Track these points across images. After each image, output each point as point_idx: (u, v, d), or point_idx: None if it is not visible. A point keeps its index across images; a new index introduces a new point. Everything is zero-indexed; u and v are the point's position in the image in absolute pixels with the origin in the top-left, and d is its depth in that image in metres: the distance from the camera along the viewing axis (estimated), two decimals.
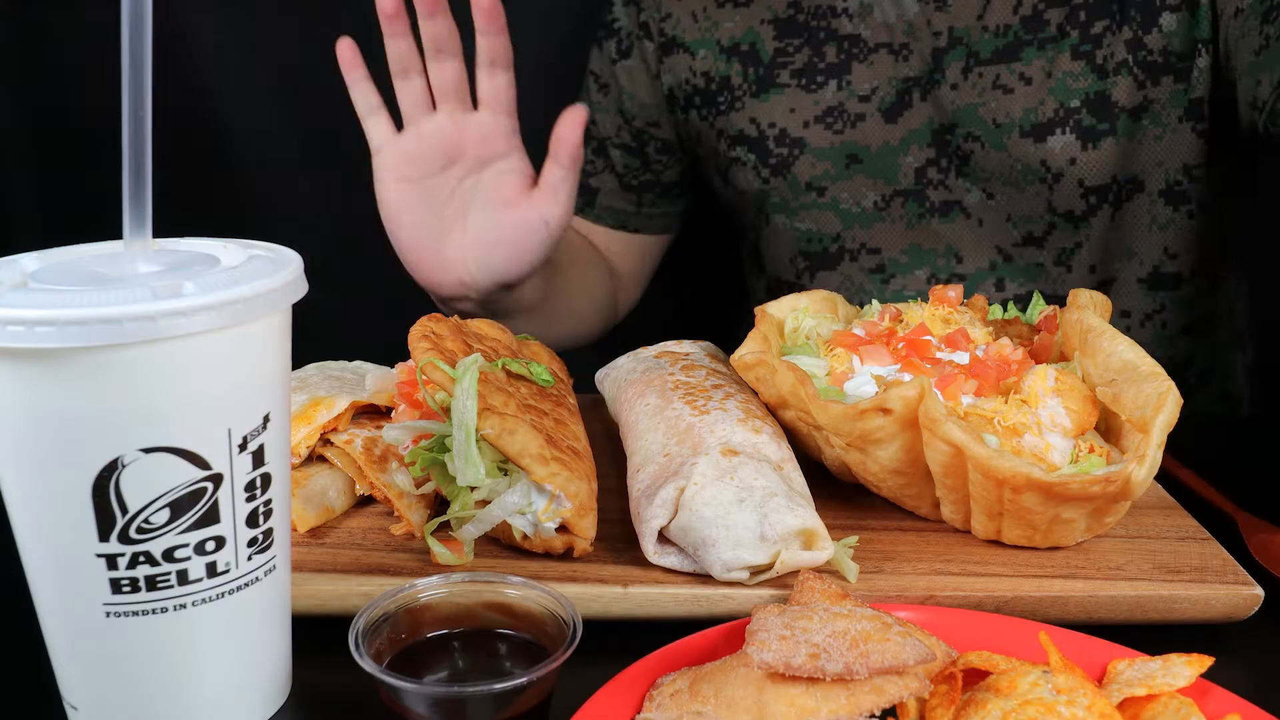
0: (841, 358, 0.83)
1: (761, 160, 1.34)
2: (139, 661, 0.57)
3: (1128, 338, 0.77)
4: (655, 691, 0.59)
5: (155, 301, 0.51)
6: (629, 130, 1.45)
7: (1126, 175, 1.21)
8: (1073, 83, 1.17)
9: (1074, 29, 1.17)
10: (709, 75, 1.36)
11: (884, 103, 1.27)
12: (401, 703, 0.57)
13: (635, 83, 1.42)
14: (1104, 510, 0.73)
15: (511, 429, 0.71)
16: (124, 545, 0.54)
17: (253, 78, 1.70)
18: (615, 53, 1.42)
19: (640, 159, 1.46)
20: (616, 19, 1.43)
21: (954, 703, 0.55)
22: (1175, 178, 1.21)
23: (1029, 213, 1.25)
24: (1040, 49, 1.18)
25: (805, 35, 1.30)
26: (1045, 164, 1.20)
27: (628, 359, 0.98)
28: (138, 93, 0.54)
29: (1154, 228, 1.24)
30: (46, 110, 1.72)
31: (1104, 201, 1.22)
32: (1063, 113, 1.18)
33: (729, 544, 0.69)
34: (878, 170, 1.29)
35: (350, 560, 0.74)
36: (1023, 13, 1.19)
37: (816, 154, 1.31)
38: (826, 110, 1.29)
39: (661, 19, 1.38)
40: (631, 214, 1.50)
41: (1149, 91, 1.16)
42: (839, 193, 1.32)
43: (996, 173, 1.23)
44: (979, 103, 1.22)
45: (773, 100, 1.32)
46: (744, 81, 1.33)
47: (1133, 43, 1.15)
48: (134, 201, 0.56)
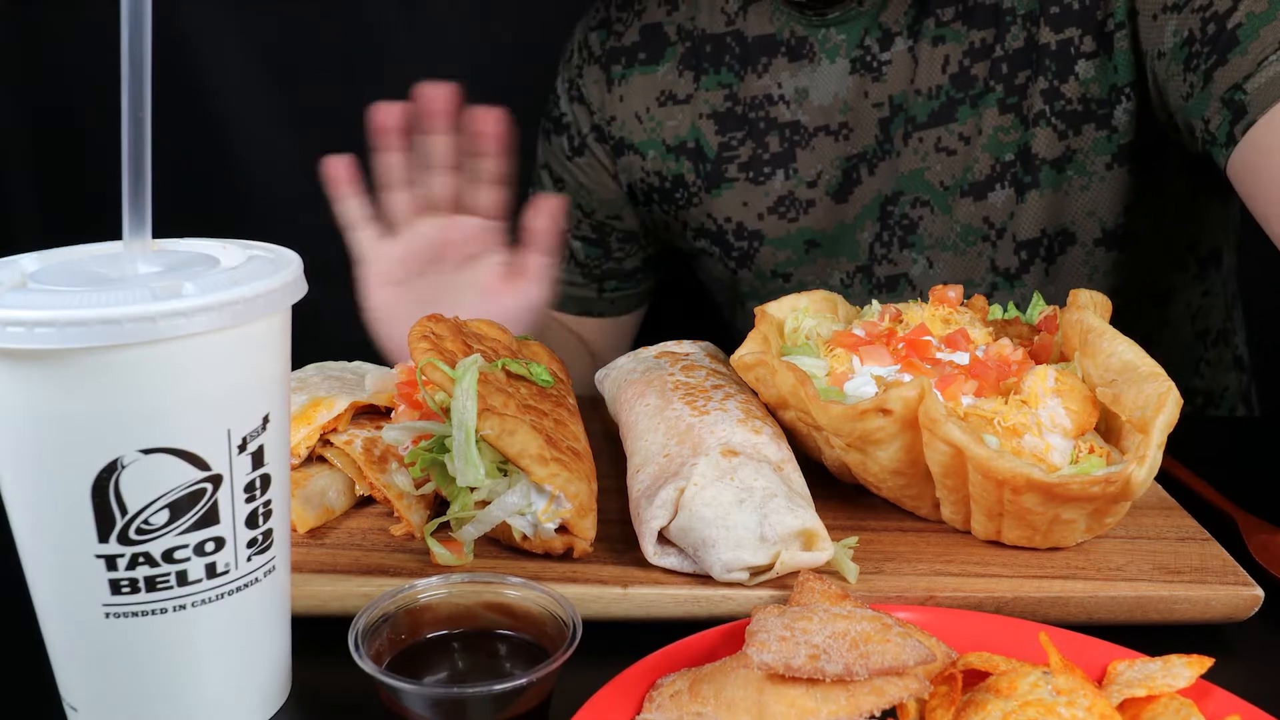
0: (841, 358, 0.83)
1: (725, 253, 1.35)
2: (138, 662, 0.57)
3: (1128, 338, 0.77)
4: (655, 692, 0.59)
5: (155, 302, 0.51)
6: (589, 223, 1.44)
7: (1056, 228, 1.19)
8: (1004, 136, 1.16)
9: (998, 83, 1.15)
10: (661, 175, 1.35)
11: (830, 186, 1.26)
12: (401, 703, 0.57)
13: (593, 179, 1.41)
14: (1104, 511, 0.73)
15: (511, 429, 0.71)
16: (123, 546, 0.54)
17: (253, 78, 1.71)
18: (568, 149, 1.42)
19: (602, 249, 1.46)
20: (564, 115, 1.42)
21: (954, 704, 0.55)
22: (1116, 221, 1.18)
23: (971, 275, 1.24)
24: (973, 106, 1.17)
25: (746, 128, 1.29)
26: (988, 220, 1.20)
27: (628, 359, 0.98)
28: (138, 93, 0.54)
29: (1096, 276, 1.22)
30: (46, 110, 1.73)
31: (1035, 257, 1.20)
32: (999, 168, 1.17)
33: (729, 545, 0.69)
34: (837, 250, 1.29)
35: (350, 561, 0.74)
36: (950, 71, 1.18)
37: (775, 244, 1.31)
38: (778, 200, 1.29)
39: (608, 121, 1.37)
40: (594, 300, 1.49)
41: (1071, 141, 1.14)
42: (804, 276, 1.32)
43: (941, 238, 1.23)
44: (924, 167, 1.21)
45: (724, 195, 1.31)
46: (696, 178, 1.33)
47: (1049, 93, 1.13)
48: (134, 202, 0.56)
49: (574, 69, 1.41)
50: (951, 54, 1.17)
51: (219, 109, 1.71)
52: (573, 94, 1.41)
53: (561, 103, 1.43)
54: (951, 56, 1.17)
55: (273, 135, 1.73)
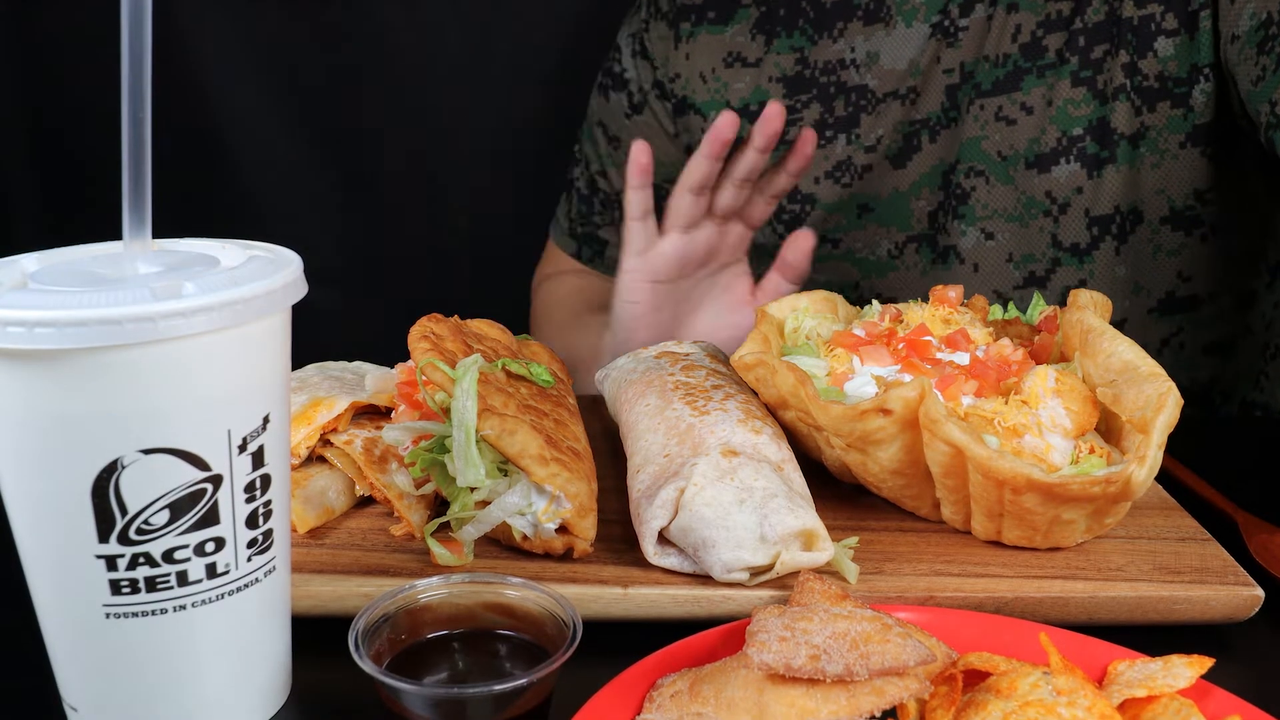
0: (842, 358, 0.83)
1: (775, 216, 1.33)
2: (139, 663, 0.57)
3: (1128, 338, 0.77)
4: (655, 693, 0.59)
5: (155, 302, 0.51)
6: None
7: (1129, 205, 1.18)
8: (1074, 110, 1.16)
9: (1073, 55, 1.15)
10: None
11: (890, 150, 1.26)
12: (401, 704, 0.57)
13: (651, 138, 1.39)
14: (1104, 511, 0.73)
15: (511, 430, 0.71)
16: (124, 546, 0.54)
17: (253, 78, 1.71)
18: (628, 106, 1.41)
19: (655, 211, 1.46)
20: (625, 70, 1.41)
21: (954, 704, 0.55)
22: (1186, 203, 1.18)
23: (1032, 250, 1.23)
24: (1040, 77, 1.16)
25: (815, 90, 1.28)
26: (1050, 195, 1.19)
27: (628, 359, 0.98)
28: (137, 93, 0.54)
29: (1160, 254, 1.21)
30: (46, 110, 1.73)
31: (1106, 233, 1.20)
32: (1066, 141, 1.17)
33: (729, 545, 0.69)
34: (890, 218, 1.28)
35: (350, 561, 0.74)
36: (1021, 40, 1.17)
37: (827, 208, 1.30)
38: (836, 165, 1.28)
39: (671, 79, 1.36)
40: None
41: (1145, 118, 1.14)
42: (853, 243, 1.31)
43: (1001, 209, 1.22)
44: (982, 136, 1.20)
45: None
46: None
47: (1129, 68, 1.13)
48: (134, 202, 0.56)
49: (640, 23, 1.40)
50: (1024, 23, 1.17)
51: (219, 109, 1.71)
52: (636, 49, 1.39)
53: (624, 58, 1.41)
54: (1024, 25, 1.17)
55: (273, 135, 1.73)
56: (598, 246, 1.50)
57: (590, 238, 1.50)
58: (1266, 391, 1.37)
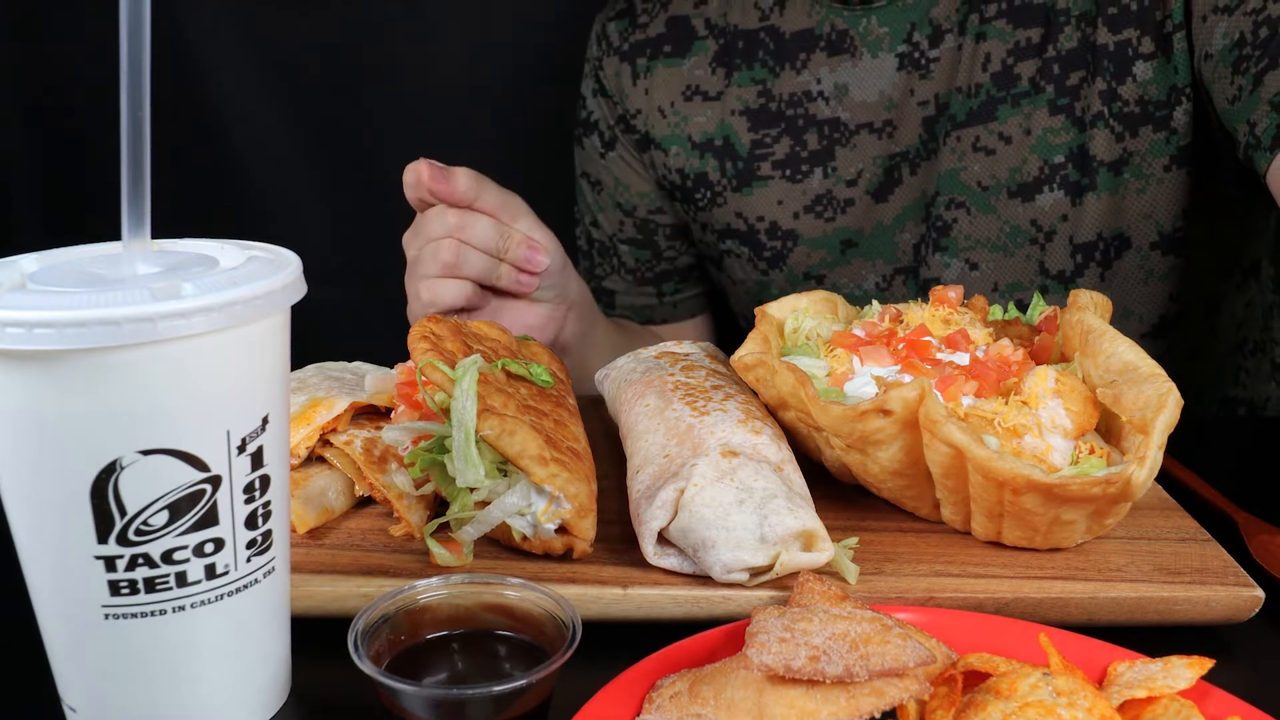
0: (842, 359, 0.83)
1: (756, 254, 1.32)
2: (138, 663, 0.57)
3: (1128, 339, 0.77)
4: (655, 693, 0.59)
5: (154, 303, 0.51)
6: (633, 223, 1.42)
7: (1113, 232, 1.17)
8: (1054, 138, 1.15)
9: (1048, 83, 1.14)
10: (683, 172, 1.33)
11: (871, 185, 1.25)
12: (401, 704, 0.57)
13: (628, 174, 1.39)
14: (1104, 511, 0.73)
15: (511, 430, 0.71)
16: (123, 547, 0.54)
17: (253, 78, 1.71)
18: (600, 146, 1.40)
19: (651, 249, 1.43)
20: (592, 113, 1.40)
21: (954, 705, 0.55)
22: (1174, 225, 1.17)
23: (1018, 278, 1.22)
24: (1015, 106, 1.16)
25: (783, 124, 1.27)
26: (1036, 223, 1.18)
27: (628, 359, 0.98)
28: (137, 93, 0.54)
29: (1152, 280, 1.20)
30: (46, 110, 1.73)
31: (1091, 260, 1.19)
32: (1048, 169, 1.16)
33: (729, 545, 0.69)
34: (875, 252, 1.27)
35: (349, 561, 0.74)
36: (992, 69, 1.16)
37: (811, 244, 1.29)
38: (815, 199, 1.27)
39: (633, 115, 1.35)
40: (655, 306, 1.47)
41: (1127, 144, 1.13)
42: (838, 278, 1.30)
43: (984, 239, 1.21)
44: (960, 167, 1.19)
45: (756, 193, 1.29)
46: (722, 176, 1.30)
47: (1107, 94, 1.12)
48: (133, 202, 0.56)
49: (594, 61, 1.39)
50: (994, 51, 1.16)
51: (219, 109, 1.71)
52: (594, 87, 1.39)
53: (588, 102, 1.41)
54: (994, 54, 1.16)
55: (273, 135, 1.73)
56: (607, 299, 1.48)
57: (600, 291, 1.48)
58: (1249, 388, 1.38)
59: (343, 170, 1.76)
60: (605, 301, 1.47)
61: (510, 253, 1.05)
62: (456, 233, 1.02)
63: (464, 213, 1.03)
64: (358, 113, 1.75)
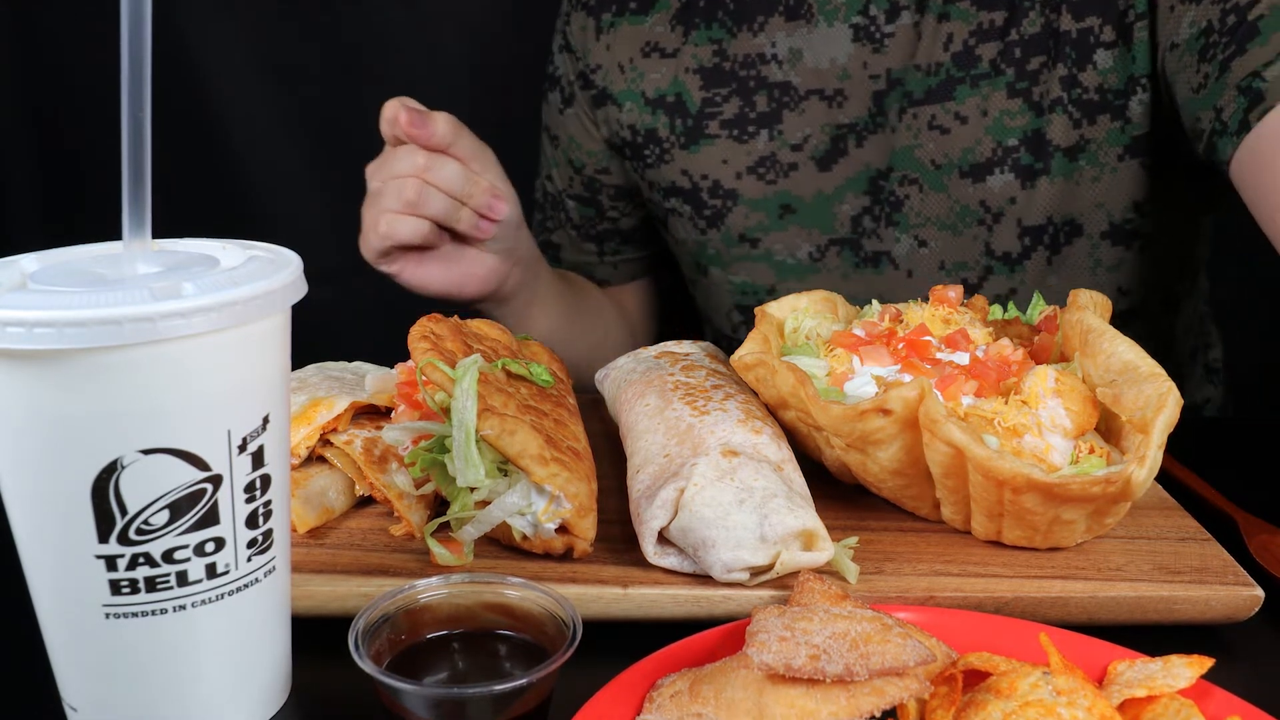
0: (841, 358, 0.83)
1: (697, 212, 1.32)
2: (138, 663, 0.57)
3: (1128, 338, 0.77)
4: (655, 693, 0.59)
5: (154, 303, 0.51)
6: (580, 180, 1.44)
7: (1064, 217, 1.18)
8: (1010, 120, 1.15)
9: (1009, 66, 1.14)
10: (634, 128, 1.34)
11: (816, 151, 1.25)
12: (401, 704, 0.57)
13: (580, 131, 1.40)
14: (1104, 511, 0.73)
15: (511, 430, 0.71)
16: (123, 546, 0.54)
17: (253, 78, 1.71)
18: (560, 102, 1.41)
19: (594, 208, 1.45)
20: (557, 68, 1.41)
21: (954, 704, 0.55)
22: (1125, 216, 1.17)
23: (964, 258, 1.22)
24: (974, 87, 1.16)
25: (734, 84, 1.27)
26: (985, 204, 1.19)
27: (628, 359, 0.98)
28: (137, 93, 0.54)
29: (1100, 269, 1.21)
30: (46, 110, 1.73)
31: (1039, 243, 1.19)
32: (1001, 151, 1.16)
33: (729, 545, 0.69)
34: (812, 220, 1.27)
35: (350, 561, 0.74)
36: (954, 49, 1.16)
37: (750, 204, 1.29)
38: (759, 160, 1.27)
39: (593, 70, 1.36)
40: (595, 264, 1.48)
41: (1085, 131, 1.13)
42: (773, 244, 1.30)
43: (934, 217, 1.21)
44: (915, 144, 1.19)
45: (703, 151, 1.29)
46: (671, 134, 1.31)
47: (1068, 80, 1.12)
48: (133, 202, 0.56)
49: (564, 16, 1.40)
50: (956, 32, 1.16)
51: (219, 109, 1.71)
52: (561, 43, 1.40)
53: (555, 58, 1.42)
54: (955, 35, 1.16)
55: (273, 136, 1.73)
56: (552, 251, 1.49)
57: (547, 245, 1.50)
58: (1190, 391, 1.38)
59: (343, 170, 1.76)
60: (551, 254, 1.48)
61: (474, 199, 1.07)
62: (423, 173, 1.04)
63: (434, 155, 1.04)
64: (358, 113, 1.75)
